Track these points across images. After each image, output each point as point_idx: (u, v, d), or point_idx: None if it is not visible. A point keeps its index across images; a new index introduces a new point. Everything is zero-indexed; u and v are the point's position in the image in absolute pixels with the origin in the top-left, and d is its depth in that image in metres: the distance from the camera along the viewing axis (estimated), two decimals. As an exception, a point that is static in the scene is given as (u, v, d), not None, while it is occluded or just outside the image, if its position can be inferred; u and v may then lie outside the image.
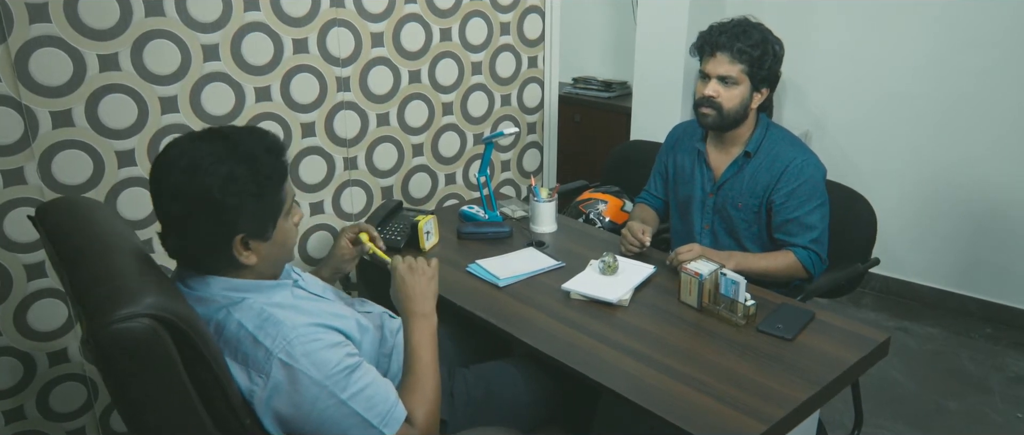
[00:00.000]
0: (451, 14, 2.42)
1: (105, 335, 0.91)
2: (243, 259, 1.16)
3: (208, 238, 1.13)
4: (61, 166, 1.84)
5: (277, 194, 1.18)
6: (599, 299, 1.68)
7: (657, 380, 1.40)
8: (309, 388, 1.11)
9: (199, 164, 1.09)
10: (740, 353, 1.48)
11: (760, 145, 1.91)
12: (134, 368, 0.94)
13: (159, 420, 0.99)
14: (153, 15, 1.87)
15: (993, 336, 2.91)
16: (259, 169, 1.13)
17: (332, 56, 2.20)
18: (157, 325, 0.94)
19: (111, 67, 1.85)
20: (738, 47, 1.81)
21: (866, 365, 1.50)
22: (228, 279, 1.18)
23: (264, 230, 1.17)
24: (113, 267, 1.02)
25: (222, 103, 2.04)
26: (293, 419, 1.13)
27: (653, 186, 2.22)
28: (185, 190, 1.09)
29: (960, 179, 2.97)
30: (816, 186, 1.87)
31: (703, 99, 1.87)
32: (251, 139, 1.15)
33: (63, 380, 2.00)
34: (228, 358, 1.12)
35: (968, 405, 2.48)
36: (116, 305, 0.92)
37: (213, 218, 1.11)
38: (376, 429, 1.15)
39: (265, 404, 1.11)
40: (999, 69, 2.78)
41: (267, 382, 1.10)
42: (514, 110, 2.70)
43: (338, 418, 1.13)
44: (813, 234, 1.86)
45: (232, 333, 1.13)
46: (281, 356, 1.10)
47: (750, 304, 1.59)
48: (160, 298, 0.96)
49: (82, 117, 1.84)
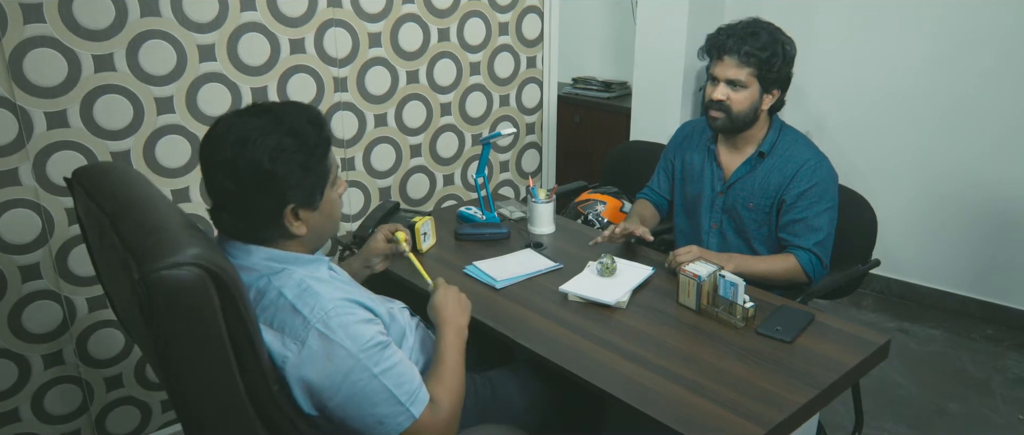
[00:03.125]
0: (449, 14, 2.41)
1: (156, 279, 0.93)
2: (294, 229, 1.20)
3: (261, 209, 1.16)
4: (56, 167, 1.83)
5: (323, 163, 1.21)
6: (597, 301, 1.67)
7: (655, 383, 1.38)
8: (344, 360, 1.13)
9: (247, 137, 1.12)
10: (739, 356, 1.47)
11: (774, 145, 1.90)
12: (179, 314, 0.96)
13: (195, 371, 1.00)
14: (149, 15, 1.86)
15: (994, 338, 2.90)
16: (305, 140, 1.16)
17: (329, 56, 2.19)
18: (205, 275, 0.96)
19: (106, 68, 1.84)
20: (746, 50, 1.79)
21: (866, 368, 1.49)
22: (270, 250, 1.21)
23: (313, 199, 1.20)
24: (160, 221, 1.04)
25: (218, 104, 2.03)
26: (323, 389, 1.14)
27: (657, 183, 2.19)
28: (237, 164, 1.12)
29: (961, 180, 2.96)
30: (827, 189, 1.85)
31: (712, 102, 1.86)
32: (294, 112, 1.18)
33: (58, 382, 1.98)
34: (263, 324, 1.14)
35: (969, 407, 2.46)
36: (166, 252, 0.95)
37: (265, 189, 1.14)
38: (404, 406, 1.17)
39: (297, 371, 1.13)
40: (1001, 69, 2.77)
41: (301, 349, 1.12)
42: (513, 111, 2.69)
43: (369, 392, 1.15)
44: (818, 237, 1.85)
45: (271, 300, 1.16)
46: (318, 326, 1.13)
47: (749, 306, 1.57)
48: (208, 251, 0.98)
49: (77, 118, 1.83)
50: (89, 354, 2.01)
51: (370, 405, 1.15)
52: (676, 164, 2.11)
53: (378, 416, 1.15)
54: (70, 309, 1.95)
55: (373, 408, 1.15)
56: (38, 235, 1.86)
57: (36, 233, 1.85)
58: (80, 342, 1.99)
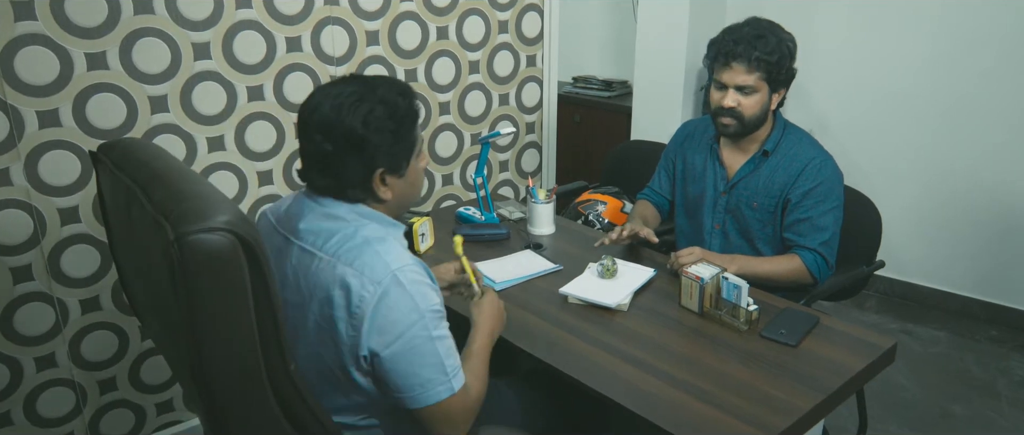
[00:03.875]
0: (448, 12, 2.38)
1: (191, 241, 0.94)
2: (381, 193, 1.27)
3: (353, 171, 1.23)
4: (48, 166, 1.80)
5: (411, 133, 1.28)
6: (597, 303, 1.64)
7: (656, 388, 1.36)
8: (410, 312, 1.18)
9: (343, 104, 1.20)
10: (743, 360, 1.44)
11: (779, 144, 1.87)
12: (210, 278, 0.97)
13: (219, 337, 1.01)
14: (142, 12, 1.83)
15: (999, 339, 2.87)
16: (395, 109, 1.24)
17: (326, 55, 2.17)
18: (237, 242, 0.97)
19: (99, 66, 1.81)
20: (755, 56, 1.75)
21: (872, 372, 1.46)
22: (359, 205, 1.28)
23: (400, 166, 1.27)
24: (194, 188, 1.06)
25: (213, 102, 2.00)
26: (385, 333, 1.18)
27: (657, 183, 2.16)
28: (333, 128, 1.20)
29: (965, 179, 2.93)
30: (833, 188, 1.83)
31: (722, 109, 1.82)
32: (386, 84, 1.26)
33: (51, 385, 1.96)
34: (345, 264, 1.19)
35: (974, 410, 2.44)
36: (201, 217, 0.96)
37: (358, 152, 1.21)
38: (447, 377, 1.21)
39: (371, 311, 1.17)
40: (1004, 68, 2.74)
41: (378, 289, 1.17)
42: (512, 110, 2.66)
43: (422, 352, 1.19)
44: (824, 236, 1.82)
45: (356, 243, 1.21)
46: (398, 274, 1.18)
47: (752, 309, 1.55)
48: (240, 219, 0.99)
49: (69, 117, 1.80)
50: (82, 356, 1.99)
51: (419, 364, 1.19)
52: (677, 164, 2.08)
53: (422, 378, 1.19)
54: (63, 311, 1.93)
55: (421, 369, 1.19)
56: (30, 236, 1.83)
57: (28, 234, 1.83)
58: (73, 344, 1.96)
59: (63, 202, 1.85)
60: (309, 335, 1.24)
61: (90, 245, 1.92)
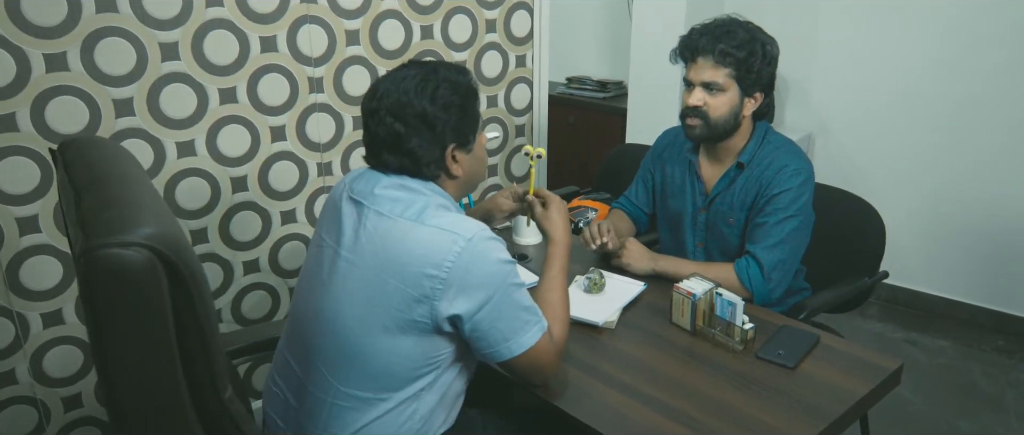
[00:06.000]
0: (433, 10, 2.28)
1: (95, 257, 0.84)
2: (454, 170, 1.33)
3: (427, 149, 1.29)
4: (5, 173, 1.71)
5: (475, 108, 1.35)
6: (583, 321, 1.54)
7: (644, 416, 1.26)
8: (493, 264, 1.23)
9: (411, 87, 1.28)
10: (737, 384, 1.34)
11: (754, 155, 1.75)
12: (118, 299, 0.86)
13: (130, 363, 0.91)
14: (105, 11, 1.74)
15: (1006, 349, 2.77)
16: (458, 86, 1.31)
17: (303, 55, 2.07)
18: (156, 260, 0.87)
19: (59, 67, 1.71)
20: (721, 49, 1.64)
21: (877, 397, 1.36)
22: (431, 183, 1.33)
23: (467, 141, 1.34)
24: (126, 196, 0.97)
25: (183, 105, 1.91)
26: (472, 292, 1.21)
27: (634, 193, 2.04)
28: (404, 108, 1.27)
29: (970, 184, 2.84)
30: (798, 196, 1.68)
31: (688, 109, 1.71)
32: (445, 65, 1.34)
33: (12, 403, 1.86)
34: (429, 226, 1.23)
35: (981, 425, 2.34)
36: (117, 229, 0.86)
37: (429, 130, 1.28)
38: (532, 323, 1.27)
39: (461, 266, 1.20)
40: (1011, 69, 2.65)
41: (469, 245, 1.21)
42: (501, 112, 2.56)
43: (505, 306, 1.24)
44: (768, 241, 1.67)
45: (436, 210, 1.27)
46: (481, 234, 1.24)
47: (748, 327, 1.45)
48: (167, 234, 0.89)
49: (27, 121, 1.70)
50: (45, 372, 1.89)
51: (504, 319, 1.24)
52: (656, 175, 1.96)
53: (512, 329, 1.25)
54: (23, 325, 1.83)
55: (511, 321, 1.25)
56: (-14, 247, 1.74)
57: (-16, 245, 1.73)
58: (34, 360, 1.87)
59: (21, 211, 1.76)
60: (374, 298, 1.24)
61: (51, 256, 1.82)
